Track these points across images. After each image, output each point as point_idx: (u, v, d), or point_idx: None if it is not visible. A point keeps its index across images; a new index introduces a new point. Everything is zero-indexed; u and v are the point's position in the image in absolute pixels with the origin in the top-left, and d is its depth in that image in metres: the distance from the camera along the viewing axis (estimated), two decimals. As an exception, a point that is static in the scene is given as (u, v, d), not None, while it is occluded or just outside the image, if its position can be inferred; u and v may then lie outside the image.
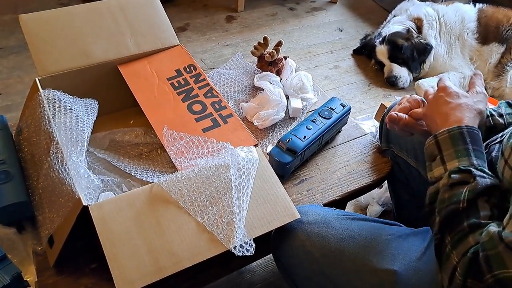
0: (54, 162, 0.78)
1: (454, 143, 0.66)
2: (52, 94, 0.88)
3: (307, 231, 0.77)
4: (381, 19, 2.28)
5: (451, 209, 0.61)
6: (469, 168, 0.63)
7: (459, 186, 0.62)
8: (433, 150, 0.68)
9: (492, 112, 0.83)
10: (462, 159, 0.65)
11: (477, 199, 0.60)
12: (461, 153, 0.65)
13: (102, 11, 1.03)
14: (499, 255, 0.53)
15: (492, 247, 0.54)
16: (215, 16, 2.39)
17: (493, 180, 0.62)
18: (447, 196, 0.62)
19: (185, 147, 0.85)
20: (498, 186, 0.62)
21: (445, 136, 0.68)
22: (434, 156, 0.68)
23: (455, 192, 0.62)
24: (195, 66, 1.03)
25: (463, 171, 0.63)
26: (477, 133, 0.68)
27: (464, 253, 0.57)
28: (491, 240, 0.54)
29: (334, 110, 1.06)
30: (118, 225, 0.72)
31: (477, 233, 0.58)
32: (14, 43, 1.97)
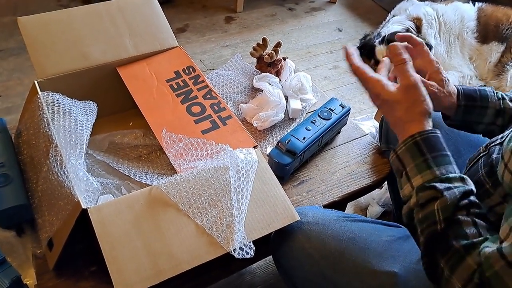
0: (53, 164, 0.78)
1: (413, 156, 0.65)
2: (51, 96, 0.88)
3: (307, 233, 0.77)
4: (381, 19, 2.27)
5: (431, 230, 0.60)
6: (433, 183, 0.61)
7: (429, 204, 0.61)
8: (398, 166, 0.67)
9: (504, 96, 0.81)
10: (424, 173, 0.63)
11: (455, 215, 0.59)
12: (422, 167, 0.63)
13: (101, 13, 1.03)
14: (497, 274, 0.52)
15: (489, 268, 0.53)
16: (214, 17, 2.39)
17: (461, 187, 0.61)
18: (421, 216, 0.61)
19: (184, 149, 0.85)
20: (469, 190, 0.61)
21: (402, 150, 0.66)
22: (400, 172, 0.67)
23: (427, 212, 0.60)
24: (194, 67, 1.03)
25: (428, 188, 0.61)
26: (432, 135, 0.65)
27: (468, 279, 0.55)
28: (486, 261, 0.53)
29: (334, 111, 1.06)
30: (117, 228, 0.72)
31: (475, 254, 0.56)
32: (13, 45, 1.97)
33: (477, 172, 0.74)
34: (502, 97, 0.81)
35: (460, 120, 0.83)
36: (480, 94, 0.81)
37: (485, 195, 0.69)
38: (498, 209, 0.67)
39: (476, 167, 0.75)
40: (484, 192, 0.69)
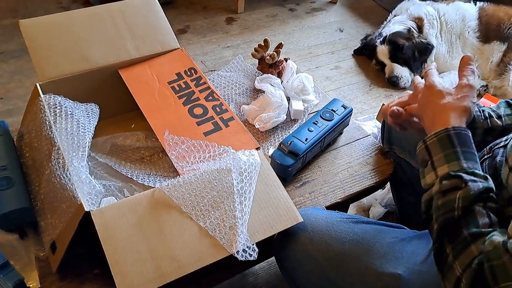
0: (56, 167, 0.78)
1: (443, 147, 0.65)
2: (53, 99, 0.88)
3: (310, 234, 0.77)
4: (382, 19, 2.28)
5: (447, 217, 0.60)
6: (459, 173, 0.62)
7: (451, 193, 0.61)
8: (424, 156, 0.68)
9: (490, 114, 0.82)
10: (451, 163, 0.64)
11: (472, 205, 0.60)
12: (450, 158, 0.64)
13: (102, 15, 1.03)
14: (504, 266, 0.52)
15: (497, 257, 0.53)
16: (215, 18, 2.39)
17: (485, 183, 0.61)
18: (440, 203, 0.62)
19: (187, 151, 0.85)
20: (491, 188, 0.61)
21: (433, 140, 0.67)
22: (425, 162, 0.67)
23: (448, 199, 0.61)
24: (196, 69, 1.03)
25: (453, 177, 0.62)
26: (465, 133, 0.66)
27: (468, 264, 0.56)
28: (495, 250, 0.54)
29: (336, 112, 1.06)
30: (120, 230, 0.72)
31: (480, 242, 0.57)
32: (14, 47, 1.97)
33: None
34: (489, 116, 0.81)
35: None
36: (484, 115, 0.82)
37: None
38: (503, 211, 0.67)
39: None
40: None
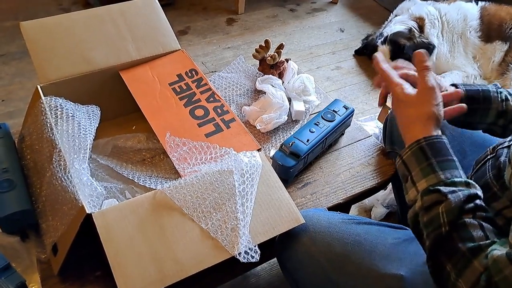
0: (57, 169, 0.78)
1: (418, 161, 0.65)
2: (54, 101, 0.88)
3: (312, 236, 0.77)
4: (382, 18, 2.27)
5: (437, 234, 0.59)
6: (437, 187, 0.61)
7: (434, 208, 0.60)
8: (403, 171, 0.68)
9: (507, 97, 0.80)
10: (429, 177, 0.63)
11: (460, 219, 0.59)
12: (427, 171, 0.64)
13: (102, 17, 1.03)
14: (507, 279, 0.51)
15: (498, 272, 0.52)
16: (215, 19, 2.38)
17: (466, 190, 0.60)
18: (426, 219, 0.61)
19: (188, 153, 0.85)
20: (474, 194, 0.60)
21: (408, 154, 0.67)
22: (406, 177, 0.67)
23: (433, 215, 0.60)
24: (197, 70, 1.03)
25: (432, 192, 0.62)
26: (438, 141, 0.65)
27: (475, 282, 0.54)
28: (495, 264, 0.53)
29: (337, 113, 1.06)
30: (122, 233, 0.71)
31: (481, 257, 0.55)
32: (15, 49, 1.98)
33: (484, 175, 0.73)
34: (505, 98, 0.80)
35: (462, 120, 0.83)
36: (483, 95, 0.80)
37: (493, 198, 0.68)
38: (506, 212, 0.66)
39: (483, 169, 0.75)
40: (492, 195, 0.69)
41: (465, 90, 0.81)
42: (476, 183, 0.69)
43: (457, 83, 0.83)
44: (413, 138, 0.67)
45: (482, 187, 0.69)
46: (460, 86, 0.82)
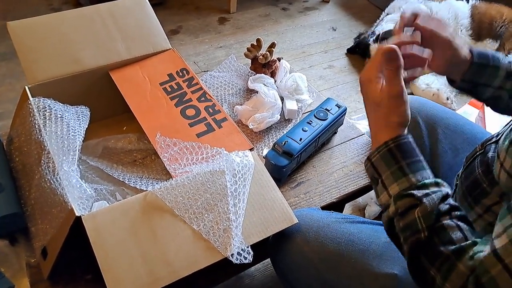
0: (46, 172, 0.76)
1: (388, 164, 0.63)
2: (42, 102, 0.86)
3: (305, 236, 0.76)
4: (374, 17, 2.27)
5: (416, 238, 0.58)
6: (410, 191, 0.60)
7: (409, 213, 0.59)
8: (373, 174, 0.66)
9: None
10: (400, 181, 0.62)
11: (438, 222, 0.58)
12: (397, 175, 0.62)
13: (91, 16, 1.01)
14: (494, 279, 0.51)
15: (485, 273, 0.51)
16: (207, 18, 2.37)
17: (439, 191, 0.60)
18: (402, 225, 0.60)
19: (179, 153, 0.84)
20: (446, 193, 0.60)
21: (376, 157, 0.65)
22: (376, 180, 0.65)
23: (409, 220, 0.59)
24: (188, 70, 1.02)
25: (405, 196, 0.60)
26: (405, 141, 0.63)
27: (462, 285, 0.54)
28: (481, 266, 0.52)
29: (330, 111, 1.05)
30: (112, 235, 0.70)
31: (465, 259, 0.55)
32: (4, 49, 1.95)
33: (473, 171, 0.73)
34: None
35: (469, 80, 0.77)
36: (492, 55, 0.76)
37: (483, 194, 0.68)
38: (495, 208, 0.66)
39: (472, 166, 0.74)
40: (481, 191, 0.69)
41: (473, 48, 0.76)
42: (466, 180, 0.69)
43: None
44: (381, 140, 0.65)
45: (472, 184, 0.69)
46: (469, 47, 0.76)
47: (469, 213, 0.68)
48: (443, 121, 0.94)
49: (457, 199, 0.76)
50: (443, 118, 0.95)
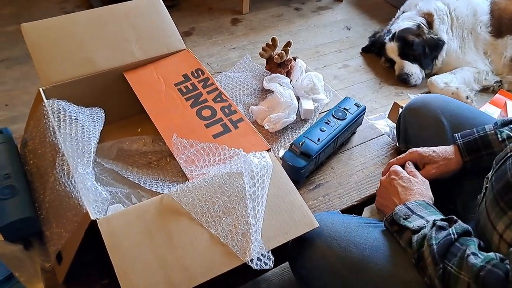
0: (60, 175, 0.75)
1: (425, 207, 0.72)
2: (57, 104, 0.85)
3: (327, 241, 0.73)
4: (389, 15, 2.23)
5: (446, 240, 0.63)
6: (451, 216, 0.68)
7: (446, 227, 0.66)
8: (406, 212, 0.72)
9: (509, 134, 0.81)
10: (438, 215, 0.70)
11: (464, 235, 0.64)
12: (435, 213, 0.71)
13: (105, 17, 1.00)
14: None
15: None
16: (220, 19, 2.35)
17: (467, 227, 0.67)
18: (434, 235, 0.65)
19: (196, 155, 0.82)
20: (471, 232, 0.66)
21: (413, 204, 0.73)
22: (407, 215, 0.71)
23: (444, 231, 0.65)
24: (203, 70, 1.00)
25: (445, 220, 0.68)
26: None
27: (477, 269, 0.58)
28: None
29: (348, 111, 1.02)
30: (128, 239, 0.68)
31: None
32: (19, 53, 1.96)
33: (505, 173, 0.69)
34: (507, 137, 0.81)
35: (477, 170, 0.83)
36: (482, 142, 0.82)
37: None
38: None
39: (504, 168, 0.70)
40: None
41: (461, 143, 0.84)
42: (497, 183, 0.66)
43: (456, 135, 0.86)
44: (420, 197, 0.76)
45: (504, 187, 0.65)
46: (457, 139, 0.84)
47: (502, 218, 0.64)
48: (468, 121, 0.90)
49: (487, 204, 0.72)
50: (469, 117, 0.91)
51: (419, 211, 0.71)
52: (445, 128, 0.91)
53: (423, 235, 0.66)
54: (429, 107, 0.95)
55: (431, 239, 0.64)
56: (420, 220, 0.69)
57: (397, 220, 0.71)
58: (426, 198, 0.76)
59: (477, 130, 0.84)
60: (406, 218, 0.70)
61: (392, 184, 0.79)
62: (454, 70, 1.90)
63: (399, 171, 0.81)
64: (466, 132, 0.85)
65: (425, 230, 0.66)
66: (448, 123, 0.91)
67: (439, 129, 0.91)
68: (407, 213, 0.71)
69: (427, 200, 0.75)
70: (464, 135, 0.85)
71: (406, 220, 0.70)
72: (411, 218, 0.70)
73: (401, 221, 0.70)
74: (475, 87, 1.87)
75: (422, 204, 0.73)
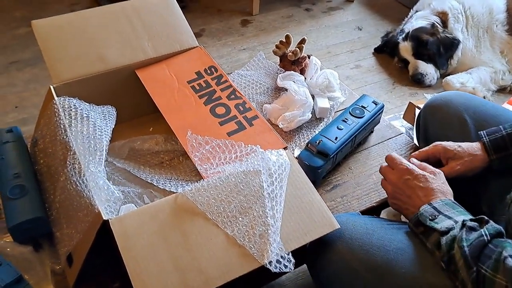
0: (72, 173, 0.73)
1: (452, 207, 0.68)
2: (68, 101, 0.83)
3: (348, 243, 0.69)
4: (401, 15, 2.20)
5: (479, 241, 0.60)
6: (481, 217, 0.64)
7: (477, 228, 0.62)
8: (432, 213, 0.68)
9: None
10: (467, 215, 0.67)
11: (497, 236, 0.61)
12: (463, 213, 0.67)
13: (117, 14, 0.98)
14: None
15: None
16: (230, 21, 2.34)
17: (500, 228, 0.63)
18: (464, 236, 0.61)
19: (211, 152, 0.79)
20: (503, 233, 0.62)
21: (439, 203, 0.69)
22: (434, 216, 0.67)
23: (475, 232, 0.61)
24: (216, 67, 0.97)
25: (475, 220, 0.64)
26: None
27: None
28: None
29: (366, 108, 0.99)
30: (141, 240, 0.66)
31: None
32: (29, 55, 1.95)
33: None
34: None
35: (504, 168, 0.80)
36: (510, 139, 0.79)
37: None
38: None
39: None
40: None
41: (488, 140, 0.80)
42: None
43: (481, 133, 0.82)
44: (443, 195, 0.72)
45: None
46: (483, 137, 0.81)
47: None
48: (493, 119, 0.86)
49: None
50: (494, 115, 0.87)
51: (446, 211, 0.67)
52: (469, 126, 0.87)
53: (453, 237, 0.62)
54: (451, 105, 0.91)
55: (462, 241, 0.60)
56: (448, 220, 0.65)
57: (423, 221, 0.67)
58: (449, 195, 0.72)
59: (504, 127, 0.80)
60: (433, 219, 0.66)
61: (409, 185, 0.74)
62: (470, 70, 1.86)
63: (412, 169, 0.75)
64: (492, 129, 0.81)
65: (454, 231, 0.63)
66: (471, 121, 0.88)
67: (462, 127, 0.87)
68: (433, 213, 0.67)
69: (452, 199, 0.71)
70: (490, 132, 0.81)
71: (433, 221, 0.66)
72: (438, 218, 0.66)
73: (428, 222, 0.66)
74: (491, 87, 1.83)
75: (449, 203, 0.69)
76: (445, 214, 0.66)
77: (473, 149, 0.80)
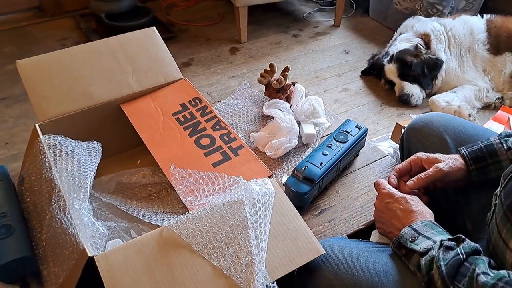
0: (57, 211, 0.73)
1: (431, 227, 0.70)
2: (53, 139, 0.84)
3: (334, 268, 0.70)
4: (386, 38, 2.24)
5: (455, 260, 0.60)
6: (458, 236, 0.65)
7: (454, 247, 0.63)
8: (412, 234, 0.69)
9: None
10: (445, 235, 0.68)
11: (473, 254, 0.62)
12: (442, 232, 0.69)
13: (101, 50, 1.00)
14: None
15: None
16: (218, 49, 2.38)
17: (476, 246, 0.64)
18: (442, 256, 0.62)
19: (195, 184, 0.80)
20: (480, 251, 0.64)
21: (419, 225, 0.70)
22: (414, 238, 0.69)
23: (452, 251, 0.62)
24: (201, 99, 0.99)
25: (452, 239, 0.65)
26: None
27: None
28: None
29: (350, 133, 1.01)
30: (127, 276, 0.65)
31: None
32: (19, 91, 1.97)
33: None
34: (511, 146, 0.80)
35: (483, 180, 0.82)
36: (487, 151, 0.81)
37: None
38: None
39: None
40: None
41: (467, 153, 0.82)
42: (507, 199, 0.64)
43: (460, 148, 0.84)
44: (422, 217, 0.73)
45: None
46: (462, 150, 0.83)
47: None
48: (472, 138, 0.88)
49: (498, 221, 0.69)
50: (473, 134, 0.89)
51: (425, 232, 0.68)
52: (449, 146, 0.89)
53: (431, 257, 0.63)
54: (432, 126, 0.93)
55: (439, 261, 0.61)
56: (427, 241, 0.66)
57: (404, 243, 0.68)
58: (428, 215, 0.73)
59: (482, 141, 0.82)
60: (413, 240, 0.67)
61: (390, 208, 0.76)
62: (454, 89, 1.89)
63: (392, 193, 0.78)
64: (471, 144, 0.83)
65: (432, 251, 0.64)
66: (451, 141, 0.89)
67: (443, 147, 0.89)
68: (413, 235, 0.68)
69: (432, 220, 0.72)
70: (468, 146, 0.83)
71: (413, 243, 0.67)
72: (417, 240, 0.67)
73: (408, 244, 0.67)
74: (476, 104, 1.86)
75: (428, 224, 0.70)
76: (424, 235, 0.67)
77: (454, 156, 0.83)
